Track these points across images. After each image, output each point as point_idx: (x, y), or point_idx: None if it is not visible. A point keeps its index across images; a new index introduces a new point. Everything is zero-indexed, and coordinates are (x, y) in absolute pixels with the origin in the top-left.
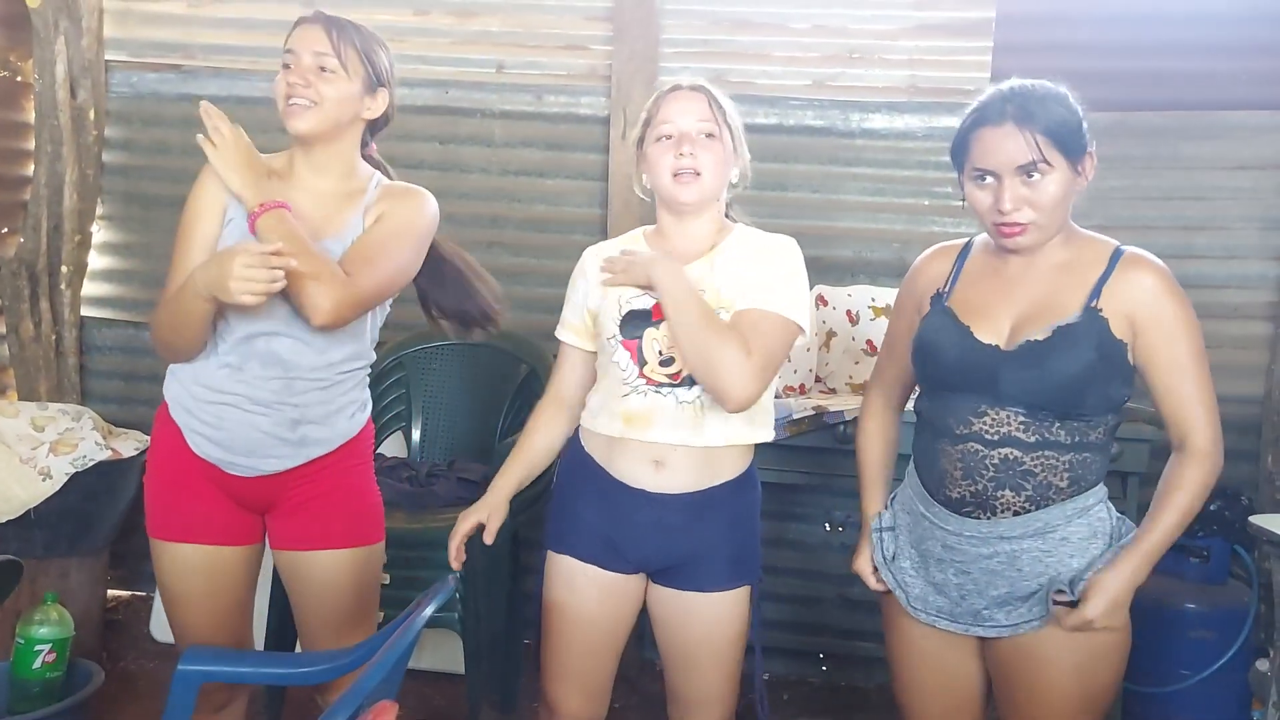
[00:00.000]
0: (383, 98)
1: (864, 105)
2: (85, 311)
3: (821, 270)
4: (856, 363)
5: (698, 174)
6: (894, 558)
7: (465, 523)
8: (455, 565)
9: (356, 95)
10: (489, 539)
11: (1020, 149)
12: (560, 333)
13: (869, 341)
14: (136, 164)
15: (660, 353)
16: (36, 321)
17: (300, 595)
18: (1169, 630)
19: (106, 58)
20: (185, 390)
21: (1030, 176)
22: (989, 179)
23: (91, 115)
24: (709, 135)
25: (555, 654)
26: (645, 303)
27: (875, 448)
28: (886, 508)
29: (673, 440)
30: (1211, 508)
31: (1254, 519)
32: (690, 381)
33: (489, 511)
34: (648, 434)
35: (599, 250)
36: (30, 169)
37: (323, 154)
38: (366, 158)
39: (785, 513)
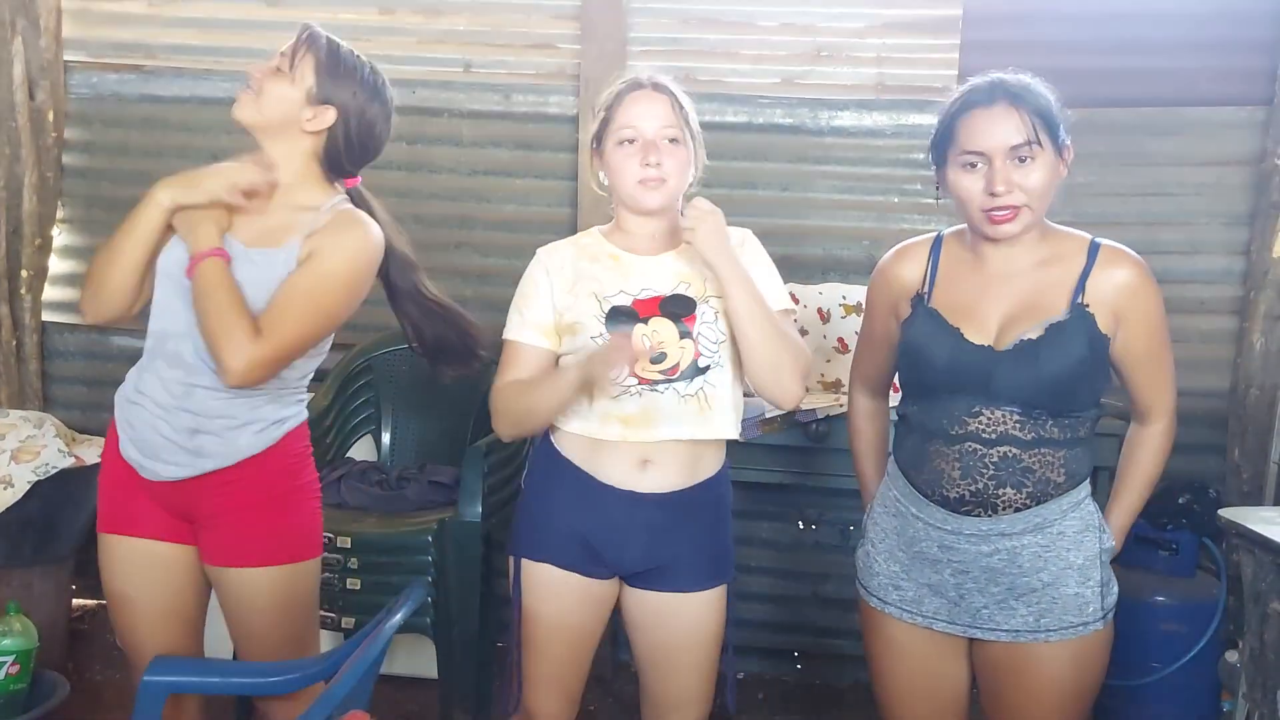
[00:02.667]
0: (325, 115)
1: (832, 103)
2: (47, 316)
3: (792, 268)
4: (828, 361)
5: (663, 181)
6: (871, 567)
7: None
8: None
9: (295, 101)
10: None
11: (1015, 128)
12: (519, 333)
13: (840, 339)
14: (97, 166)
15: (650, 349)
16: None
17: (227, 613)
18: (1139, 623)
19: (66, 58)
20: (124, 388)
21: (1021, 160)
22: (979, 164)
23: (51, 117)
24: (672, 140)
25: (535, 664)
26: (624, 300)
27: (869, 447)
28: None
29: (678, 436)
30: (1180, 501)
31: (1223, 511)
32: (689, 374)
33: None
34: (650, 433)
35: (556, 250)
36: None
37: (271, 151)
38: (350, 191)
39: (759, 511)
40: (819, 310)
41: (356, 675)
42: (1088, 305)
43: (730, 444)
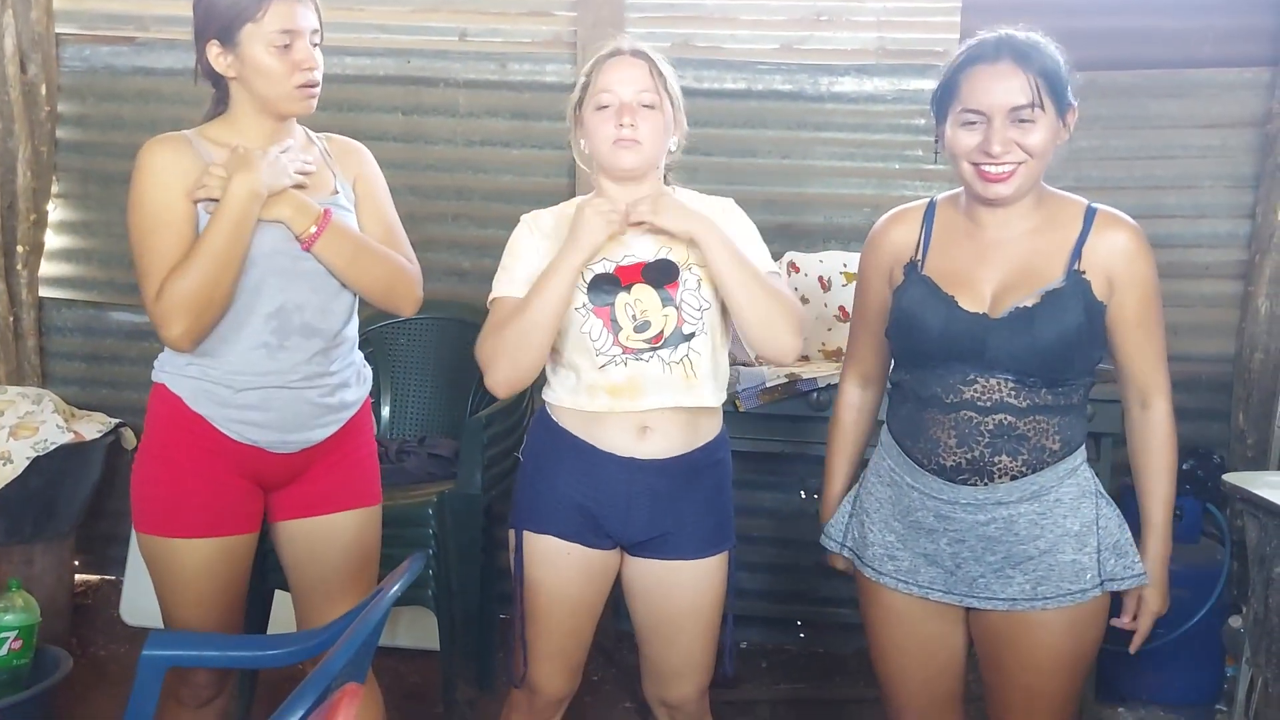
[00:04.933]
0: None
1: (832, 69)
2: (44, 292)
3: (793, 237)
4: (829, 329)
5: (638, 142)
6: (866, 538)
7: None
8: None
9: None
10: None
11: (1018, 89)
12: (508, 289)
13: (841, 308)
14: (92, 140)
15: (634, 317)
16: None
17: (309, 561)
18: None
19: (57, 31)
20: (210, 382)
21: (1022, 121)
22: (978, 122)
23: (44, 90)
24: (648, 106)
25: (539, 636)
26: (606, 267)
27: (847, 441)
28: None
29: (667, 404)
30: (1184, 466)
31: (1227, 477)
32: (673, 342)
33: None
34: (638, 403)
35: (541, 215)
36: None
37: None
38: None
39: (760, 481)
40: (820, 278)
41: (353, 648)
42: (1084, 272)
43: (731, 414)
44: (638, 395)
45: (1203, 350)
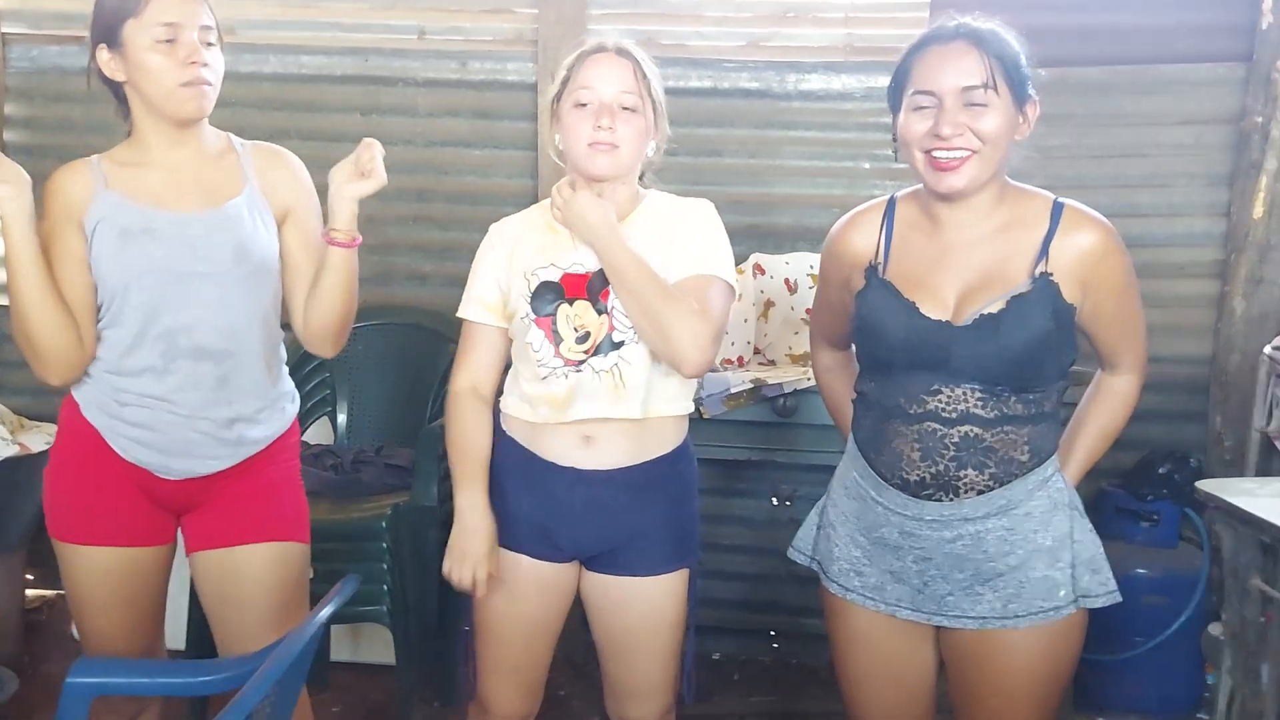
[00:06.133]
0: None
1: (800, 66)
2: None
3: (760, 238)
4: (796, 333)
5: (615, 146)
6: (832, 552)
7: (479, 563)
8: (484, 592)
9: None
10: (495, 571)
11: (970, 68)
12: (469, 310)
13: (808, 310)
14: (40, 143)
15: (575, 330)
16: None
17: (219, 598)
18: (1120, 595)
19: (4, 30)
20: (102, 392)
21: (974, 105)
22: (929, 105)
23: None
24: (628, 108)
25: (490, 652)
26: (553, 274)
27: (844, 397)
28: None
29: (595, 414)
30: (1161, 470)
31: (1202, 484)
32: (604, 349)
33: (489, 537)
34: (570, 413)
35: (506, 224)
36: None
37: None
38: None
39: (730, 489)
40: (786, 280)
41: (271, 679)
42: (1051, 274)
43: (697, 420)
44: (571, 405)
45: (1179, 351)
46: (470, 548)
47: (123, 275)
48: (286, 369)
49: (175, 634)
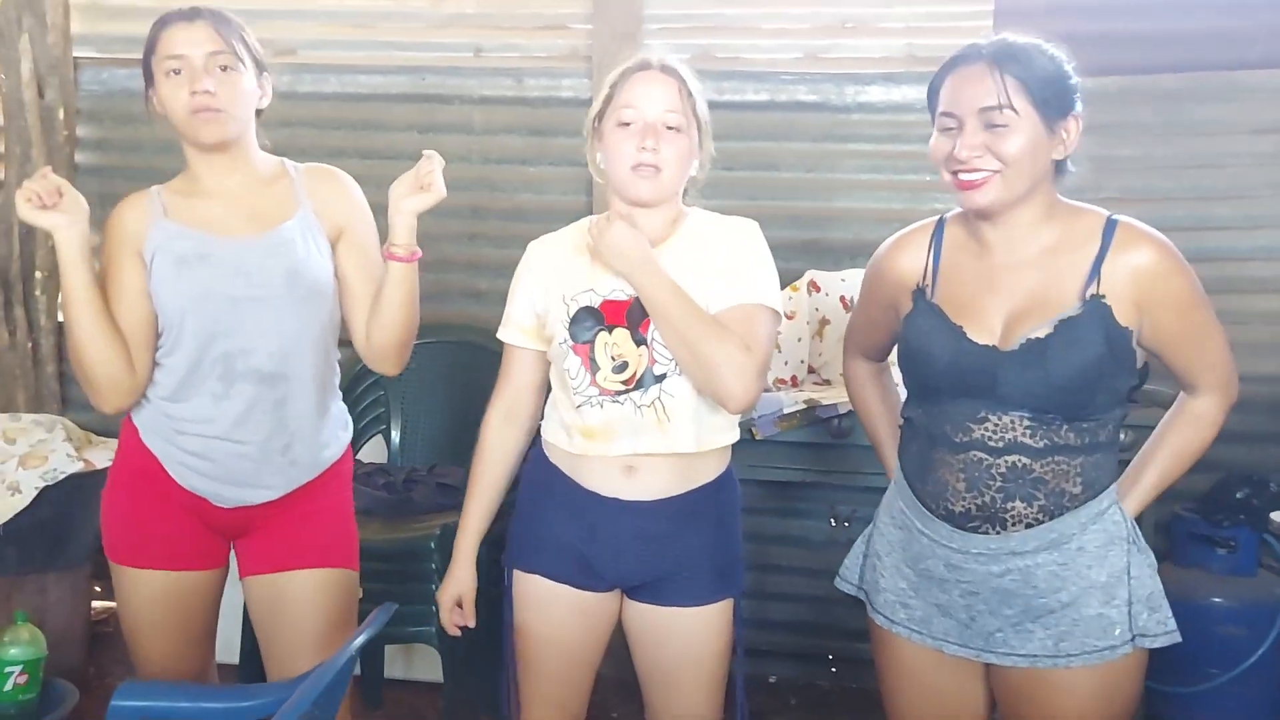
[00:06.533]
0: (268, 82)
1: (859, 77)
2: (63, 318)
3: (818, 254)
4: None
5: (658, 169)
6: (878, 582)
7: (445, 603)
8: (455, 632)
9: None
10: (469, 620)
11: (986, 89)
12: (504, 333)
13: None
14: (110, 164)
15: (614, 358)
16: (11, 329)
17: (268, 622)
18: (1195, 626)
19: (75, 54)
20: (160, 420)
21: (994, 126)
22: (953, 127)
23: (61, 115)
24: (673, 128)
25: (529, 680)
26: (593, 299)
27: (879, 405)
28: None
29: (639, 450)
30: (1238, 495)
31: (1276, 515)
32: (645, 383)
33: (460, 590)
34: (612, 447)
35: (544, 244)
36: (1, 173)
37: (236, 154)
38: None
39: (788, 509)
40: (841, 298)
41: (300, 709)
42: (1103, 296)
43: (749, 442)
44: (611, 439)
45: (1259, 370)
46: (441, 597)
47: (180, 301)
48: (340, 396)
49: (229, 648)
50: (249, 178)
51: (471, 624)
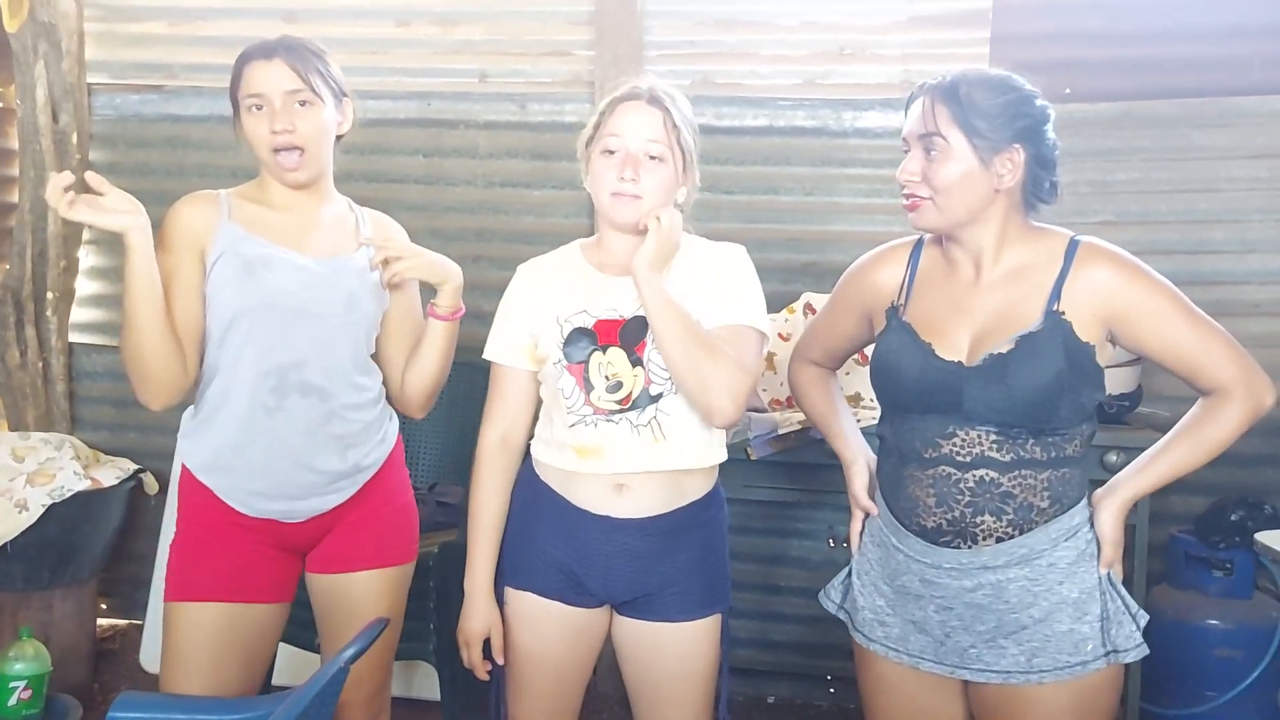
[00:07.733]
0: (349, 107)
1: (857, 103)
2: (74, 338)
3: (816, 277)
4: (847, 373)
5: (637, 197)
6: (857, 601)
7: (472, 641)
8: (484, 676)
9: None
10: (499, 656)
11: (918, 119)
12: (496, 353)
13: (861, 353)
14: (122, 187)
15: (608, 378)
16: (23, 349)
17: (328, 618)
18: (1191, 648)
19: (89, 80)
20: (213, 448)
21: (930, 153)
22: (905, 149)
23: (75, 139)
24: (654, 158)
25: (518, 696)
26: (586, 320)
27: (824, 397)
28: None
29: (633, 469)
30: (1234, 517)
31: (1261, 536)
32: (640, 403)
33: (486, 624)
34: (605, 466)
35: (534, 266)
36: (15, 195)
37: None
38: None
39: (786, 530)
40: None
41: (293, 714)
42: (1063, 312)
43: (744, 462)
44: (605, 457)
45: None
46: (469, 635)
47: (238, 306)
48: (384, 397)
49: None
50: (319, 203)
51: (501, 661)
